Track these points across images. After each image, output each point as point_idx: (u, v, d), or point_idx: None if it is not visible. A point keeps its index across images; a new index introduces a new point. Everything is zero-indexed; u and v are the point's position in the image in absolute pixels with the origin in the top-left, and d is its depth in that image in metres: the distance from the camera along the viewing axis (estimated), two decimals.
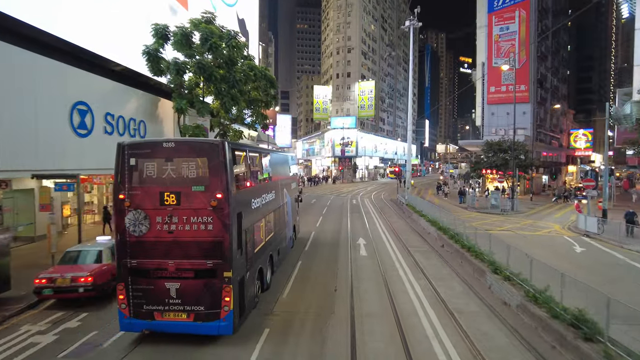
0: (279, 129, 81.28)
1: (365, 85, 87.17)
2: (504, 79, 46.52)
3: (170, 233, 7.90)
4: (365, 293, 11.27)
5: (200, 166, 8.00)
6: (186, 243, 7.91)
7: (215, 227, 7.84)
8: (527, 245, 17.08)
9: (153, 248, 7.94)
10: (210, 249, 7.87)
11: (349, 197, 41.46)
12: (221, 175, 7.87)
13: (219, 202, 7.80)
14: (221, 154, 7.93)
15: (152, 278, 7.94)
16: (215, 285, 7.87)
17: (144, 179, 8.06)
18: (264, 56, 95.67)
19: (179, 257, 7.91)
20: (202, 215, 7.85)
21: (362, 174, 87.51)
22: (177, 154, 8.05)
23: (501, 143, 39.76)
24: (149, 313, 7.96)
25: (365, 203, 35.41)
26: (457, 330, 8.78)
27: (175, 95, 22.73)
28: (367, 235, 19.87)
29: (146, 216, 7.90)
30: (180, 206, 7.88)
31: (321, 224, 23.54)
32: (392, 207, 32.07)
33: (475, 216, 27.36)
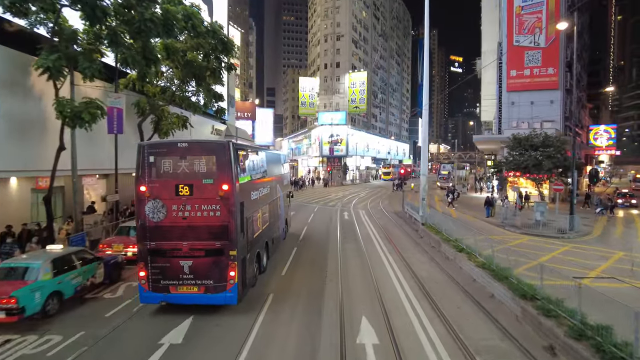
0: (259, 125, 71.85)
1: (356, 76, 78.25)
2: (527, 61, 38.12)
3: (184, 219, 9.14)
4: None
5: (210, 162, 9.24)
6: (198, 227, 9.14)
7: (223, 214, 9.11)
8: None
9: (169, 232, 9.16)
10: (219, 232, 9.14)
11: (338, 208, 32.30)
12: (227, 170, 9.19)
13: (225, 192, 9.07)
14: (227, 152, 9.27)
15: (168, 257, 9.16)
16: (223, 262, 9.14)
17: (162, 174, 9.27)
18: (243, 44, 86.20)
19: (192, 239, 9.14)
20: (211, 204, 9.10)
21: (353, 176, 78.62)
22: (189, 152, 9.30)
23: (532, 138, 31.20)
24: (165, 287, 9.16)
25: (362, 218, 26.28)
26: None
27: (46, 48, 13.35)
28: (377, 309, 10.07)
29: (163, 205, 9.10)
30: (193, 196, 9.12)
31: (292, 268, 14.04)
32: (400, 227, 23.04)
33: (527, 242, 18.42)
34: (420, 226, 20.29)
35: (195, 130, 31.59)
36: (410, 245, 17.65)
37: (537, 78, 38.25)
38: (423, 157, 21.84)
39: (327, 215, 27.41)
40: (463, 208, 32.03)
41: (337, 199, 40.21)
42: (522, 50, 38.47)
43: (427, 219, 20.14)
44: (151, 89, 19.58)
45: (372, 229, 21.46)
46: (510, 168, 32.04)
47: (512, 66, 39.17)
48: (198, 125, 32.13)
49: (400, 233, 20.58)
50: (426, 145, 21.70)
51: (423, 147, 21.77)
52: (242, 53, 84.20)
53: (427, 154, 21.51)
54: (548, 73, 37.72)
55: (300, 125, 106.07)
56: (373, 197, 41.62)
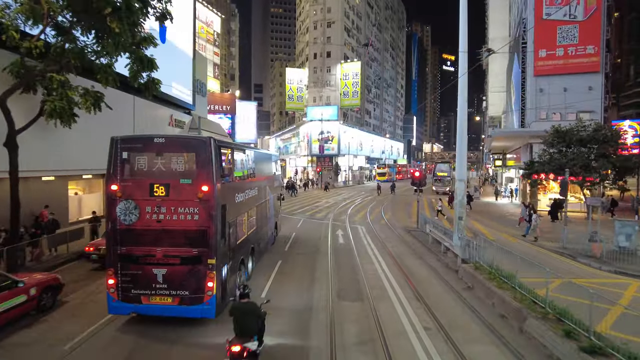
0: (241, 120, 63.97)
1: (349, 67, 70.86)
2: (560, 38, 31.16)
3: (158, 222, 8.23)
4: None
5: (188, 160, 8.41)
6: (173, 232, 8.23)
7: (201, 218, 8.18)
8: None
9: (142, 236, 8.29)
10: (196, 237, 8.21)
11: (329, 221, 24.66)
12: (207, 170, 8.26)
13: (205, 194, 8.13)
14: (207, 149, 8.30)
15: (140, 264, 8.27)
16: (200, 272, 8.19)
17: (135, 172, 8.47)
18: (224, 32, 78.11)
19: (166, 245, 8.24)
20: (189, 206, 8.19)
21: (346, 177, 71.24)
22: (166, 148, 8.44)
23: (579, 130, 24.15)
24: (137, 297, 8.29)
25: (363, 241, 18.62)
26: None
27: None
28: None
29: (136, 206, 8.25)
30: (169, 197, 8.23)
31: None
32: (421, 257, 15.42)
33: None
34: (460, 264, 12.83)
35: (141, 120, 23.67)
36: (457, 308, 9.92)
37: (572, 59, 31.23)
38: (460, 152, 14.38)
39: (314, 235, 19.76)
40: (478, 216, 24.80)
41: (327, 207, 32.63)
42: (554, 25, 31.39)
43: (471, 253, 12.72)
44: (25, 44, 11.70)
45: (381, 264, 13.81)
46: (549, 169, 24.91)
47: (540, 45, 32.07)
48: (146, 112, 24.30)
49: (426, 274, 12.92)
50: (464, 136, 14.25)
51: (460, 140, 14.34)
52: (223, 41, 76.18)
53: (465, 147, 14.16)
54: (587, 52, 30.70)
55: (288, 122, 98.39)
56: (372, 205, 34.09)
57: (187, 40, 32.34)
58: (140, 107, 23.64)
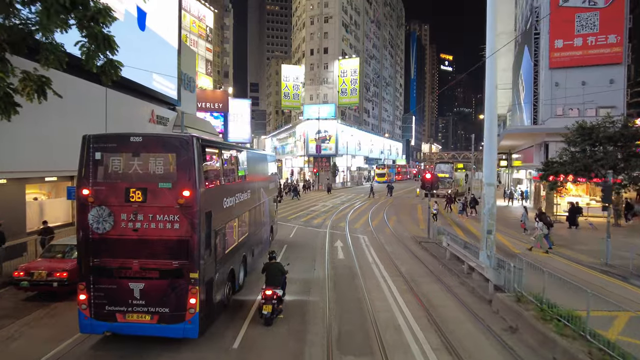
0: (234, 119, 61.09)
1: (347, 64, 68.11)
2: (579, 27, 28.55)
3: (135, 231, 7.52)
4: None
5: (168, 162, 7.69)
6: (151, 242, 7.51)
7: (182, 226, 7.43)
8: None
9: (117, 246, 7.56)
10: (177, 248, 7.47)
11: (326, 229, 21.83)
12: (189, 172, 7.49)
13: (186, 200, 7.37)
14: (190, 149, 7.52)
15: (115, 277, 7.53)
16: (181, 287, 7.46)
17: (109, 174, 7.74)
18: (217, 27, 75.22)
19: (144, 257, 7.53)
20: (168, 214, 7.43)
21: (344, 178, 68.49)
22: (144, 148, 7.68)
23: (606, 127, 21.55)
24: (111, 314, 7.55)
25: (367, 257, 15.72)
26: None
27: None
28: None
29: (110, 213, 7.52)
30: (147, 203, 7.47)
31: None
32: (440, 281, 12.59)
33: None
34: (492, 291, 10.09)
35: (115, 115, 20.74)
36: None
37: (592, 49, 28.58)
38: (489, 150, 11.62)
39: (309, 247, 16.93)
40: (478, 216, 22.08)
41: (324, 211, 29.83)
42: (572, 13, 28.73)
43: (506, 277, 9.96)
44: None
45: (392, 291, 10.94)
46: (572, 170, 22.29)
47: (557, 35, 29.41)
48: (122, 106, 21.47)
49: (452, 306, 10.01)
50: (493, 129, 11.47)
51: (489, 134, 11.58)
52: (216, 37, 73.31)
53: (495, 143, 11.37)
54: (608, 42, 28.06)
55: (285, 122, 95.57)
56: (374, 209, 31.31)
57: (172, 30, 29.43)
58: (115, 101, 20.71)
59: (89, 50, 11.27)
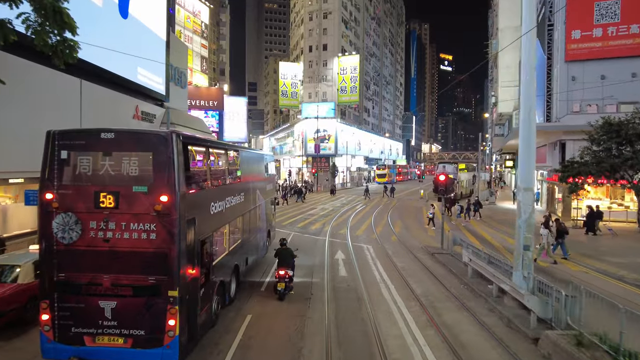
0: (230, 117, 58.84)
1: (347, 61, 65.95)
2: (598, 16, 26.50)
3: (105, 242, 6.70)
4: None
5: (144, 162, 6.83)
6: (124, 254, 6.68)
7: (159, 237, 6.56)
8: None
9: (85, 259, 6.73)
10: (153, 262, 6.59)
11: (326, 236, 19.64)
12: (168, 174, 6.60)
13: (164, 206, 6.49)
14: (168, 147, 6.62)
15: (83, 295, 6.70)
16: (158, 306, 6.56)
17: (77, 176, 6.89)
18: (213, 22, 72.98)
19: (116, 271, 6.70)
20: (144, 222, 6.57)
21: (344, 179, 66.32)
22: (117, 146, 6.87)
23: (636, 123, 19.49)
24: (78, 337, 6.71)
25: (373, 272, 13.53)
26: None
27: None
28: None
29: (77, 220, 6.70)
30: (119, 210, 6.64)
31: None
32: (464, 308, 10.34)
33: None
34: (536, 326, 7.95)
35: (92, 109, 18.40)
36: None
37: (612, 40, 26.48)
38: (526, 147, 9.48)
39: (306, 259, 14.72)
40: (494, 224, 19.90)
41: (323, 215, 27.65)
42: (591, 1, 26.65)
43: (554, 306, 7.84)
44: None
45: (407, 322, 8.72)
46: (597, 171, 20.23)
47: (574, 25, 27.30)
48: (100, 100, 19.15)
49: (486, 347, 7.74)
50: (532, 126, 9.30)
51: (527, 127, 9.42)
52: (212, 33, 71.08)
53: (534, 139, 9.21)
54: (631, 33, 25.93)
55: (283, 121, 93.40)
56: (376, 213, 29.12)
57: (160, 20, 27.19)
58: (92, 94, 18.36)
59: (40, 25, 9.10)
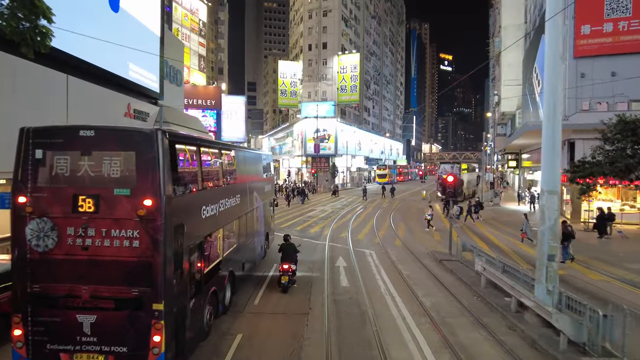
0: (228, 116, 57.84)
1: (347, 59, 64.96)
2: (609, 10, 25.54)
3: (84, 250, 6.20)
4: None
5: (127, 162, 6.36)
6: (105, 264, 6.18)
7: (143, 244, 6.05)
8: None
9: (62, 269, 6.24)
10: (136, 272, 6.09)
11: (325, 242, 18.55)
12: (152, 175, 6.10)
13: (148, 210, 6.00)
14: (153, 146, 6.14)
15: (60, 308, 6.21)
16: (142, 320, 6.06)
17: (53, 178, 6.39)
18: (211, 21, 71.99)
19: (96, 282, 6.21)
20: (126, 228, 6.08)
21: (344, 179, 65.31)
22: (97, 145, 6.35)
23: None
24: (54, 354, 6.22)
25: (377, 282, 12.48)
26: None
27: None
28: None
29: (54, 226, 6.20)
30: (99, 214, 6.14)
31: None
32: (493, 339, 9.43)
33: None
34: (565, 348, 6.95)
35: (80, 106, 17.39)
36: None
37: (623, 35, 25.48)
38: (551, 145, 8.45)
39: (303, 271, 13.72)
40: (500, 226, 18.89)
41: (323, 217, 26.61)
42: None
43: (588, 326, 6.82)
44: None
45: (418, 343, 7.75)
46: (610, 172, 19.24)
47: (583, 19, 26.31)
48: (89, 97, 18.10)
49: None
50: (557, 121, 8.29)
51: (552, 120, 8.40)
52: (210, 32, 70.07)
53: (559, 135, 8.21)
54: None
55: (282, 121, 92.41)
56: (378, 214, 28.08)
57: (154, 15, 26.11)
58: (79, 91, 17.24)
59: (9, 9, 8.08)
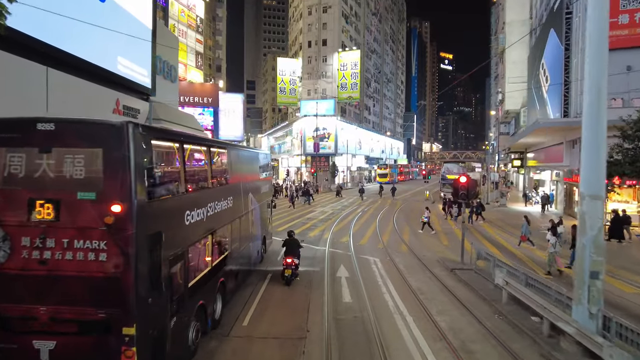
0: (225, 114, 56.47)
1: (347, 56, 63.57)
2: (625, 2, 24.17)
3: (42, 264, 5.37)
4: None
5: (92, 161, 5.46)
6: (67, 280, 5.34)
7: (111, 257, 5.25)
8: None
9: (16, 286, 5.43)
10: (103, 290, 5.29)
11: (325, 248, 17.20)
12: (122, 176, 5.27)
13: (116, 217, 5.20)
14: (123, 142, 5.28)
15: (14, 332, 5.44)
16: (110, 347, 5.25)
17: (6, 179, 5.57)
18: (209, 17, 70.54)
19: (56, 302, 5.36)
20: (91, 238, 5.27)
21: (344, 179, 63.96)
22: (58, 141, 5.47)
23: None
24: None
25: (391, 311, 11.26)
26: None
27: None
28: None
29: (5, 236, 5.40)
30: (60, 222, 5.31)
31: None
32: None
33: None
34: None
35: (62, 101, 16.00)
36: None
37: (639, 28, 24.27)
38: (591, 147, 7.19)
39: (300, 283, 12.43)
40: (509, 228, 17.61)
41: (322, 219, 25.28)
42: None
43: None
44: None
45: None
46: (631, 172, 18.02)
47: None
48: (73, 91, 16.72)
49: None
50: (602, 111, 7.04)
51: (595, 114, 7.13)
52: (208, 28, 68.64)
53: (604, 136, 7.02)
54: None
55: (281, 119, 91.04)
56: (381, 216, 26.77)
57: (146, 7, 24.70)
58: (62, 85, 15.81)
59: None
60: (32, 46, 13.25)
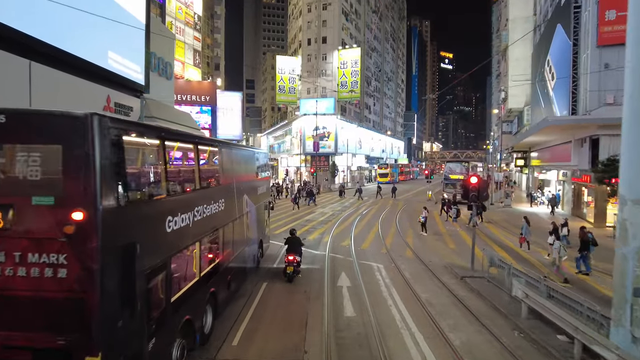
0: (224, 113, 55.46)
1: (347, 54, 62.58)
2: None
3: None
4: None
5: (50, 159, 4.68)
6: (19, 301, 4.61)
7: (72, 274, 4.49)
8: None
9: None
10: (63, 313, 4.53)
11: (325, 252, 16.25)
12: (85, 177, 4.47)
13: (78, 226, 4.43)
14: (87, 137, 4.47)
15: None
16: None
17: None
18: (207, 15, 69.53)
19: (7, 327, 4.63)
20: (48, 251, 4.51)
21: (344, 178, 63.00)
22: (9, 136, 4.75)
23: None
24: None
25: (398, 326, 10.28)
26: None
27: None
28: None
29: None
30: (11, 232, 4.57)
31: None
32: None
33: None
34: None
35: (46, 98, 15.03)
36: None
37: None
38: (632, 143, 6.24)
39: (297, 293, 11.49)
40: (516, 230, 16.68)
41: (322, 221, 24.32)
42: None
43: None
44: None
45: None
46: None
47: (608, 4, 24.00)
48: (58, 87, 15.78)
49: None
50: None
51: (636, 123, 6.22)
52: (206, 26, 67.66)
53: None
54: None
55: (280, 118, 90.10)
56: (383, 217, 25.80)
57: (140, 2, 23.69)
58: (47, 80, 14.82)
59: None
60: (13, 37, 12.32)
